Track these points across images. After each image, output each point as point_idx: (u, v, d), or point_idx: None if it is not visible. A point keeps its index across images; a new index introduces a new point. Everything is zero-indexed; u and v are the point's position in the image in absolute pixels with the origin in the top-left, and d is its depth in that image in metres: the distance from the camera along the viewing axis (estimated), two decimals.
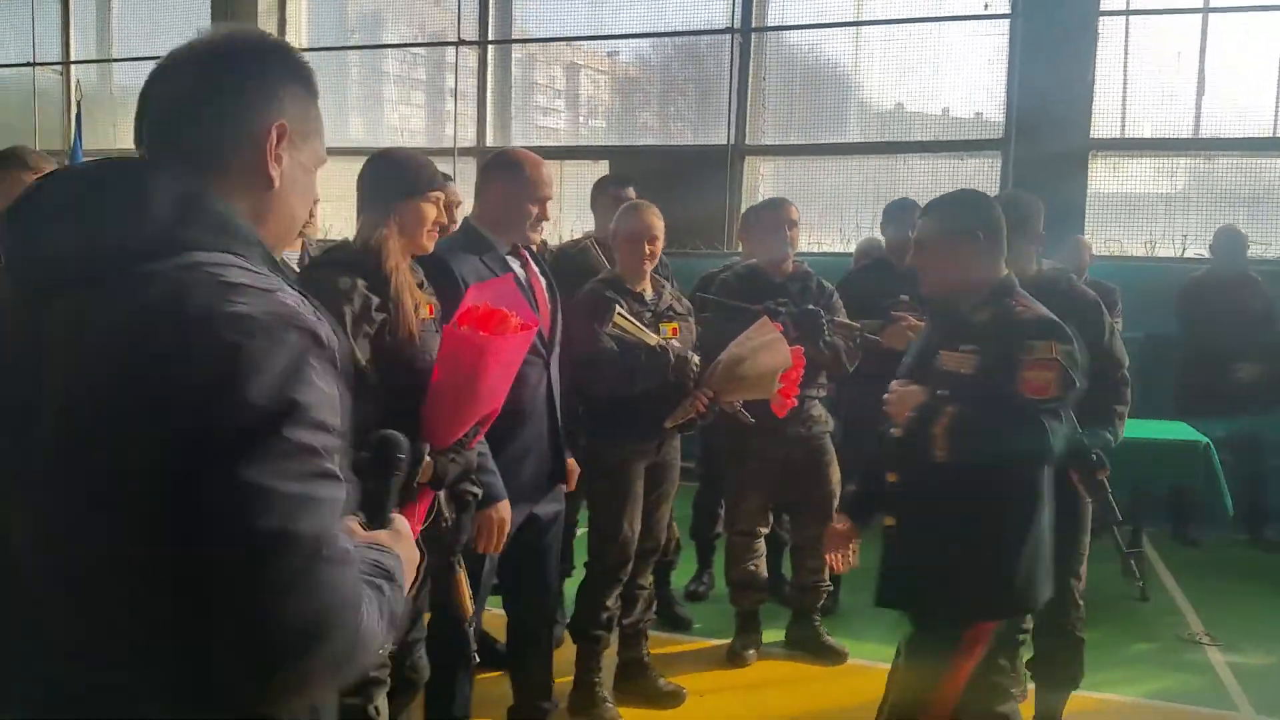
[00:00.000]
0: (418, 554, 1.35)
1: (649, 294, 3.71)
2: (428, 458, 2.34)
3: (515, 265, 3.20)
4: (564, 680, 3.71)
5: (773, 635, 4.49)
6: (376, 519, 1.34)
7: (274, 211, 1.25)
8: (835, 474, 4.30)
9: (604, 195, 4.77)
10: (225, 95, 1.22)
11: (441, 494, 2.52)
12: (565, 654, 3.81)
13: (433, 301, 2.64)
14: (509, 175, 3.17)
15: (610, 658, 3.86)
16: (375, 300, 2.45)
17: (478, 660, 2.94)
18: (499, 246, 3.16)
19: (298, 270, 3.33)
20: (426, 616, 2.86)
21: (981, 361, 2.68)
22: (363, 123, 10.10)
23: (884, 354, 4.15)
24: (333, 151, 3.54)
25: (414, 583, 1.38)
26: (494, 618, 3.69)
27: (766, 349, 3.72)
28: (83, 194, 1.14)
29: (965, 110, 8.06)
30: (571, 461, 3.47)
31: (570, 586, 3.89)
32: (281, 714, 1.12)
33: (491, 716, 3.48)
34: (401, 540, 1.32)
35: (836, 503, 4.24)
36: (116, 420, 1.01)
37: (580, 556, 3.93)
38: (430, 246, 2.69)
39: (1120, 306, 6.46)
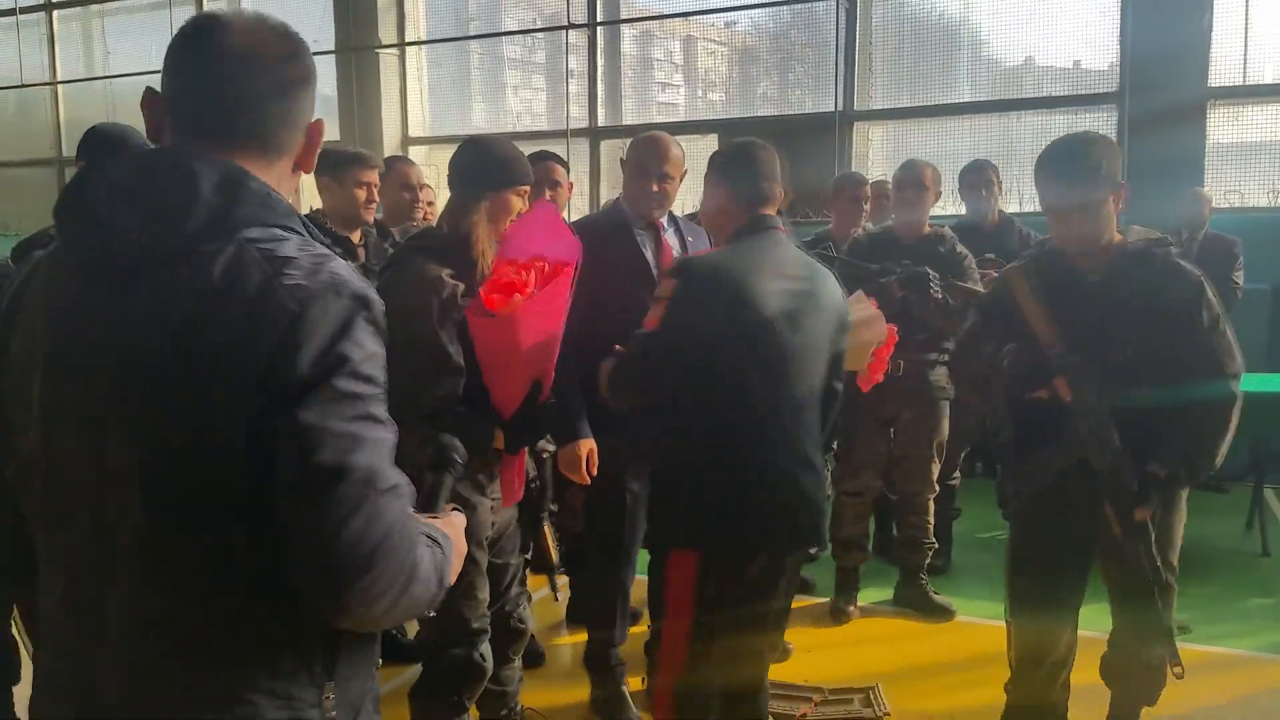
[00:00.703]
0: (465, 546, 1.51)
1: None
2: (497, 431, 2.52)
3: (645, 235, 3.46)
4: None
5: (884, 594, 4.65)
6: (430, 510, 1.54)
7: (292, 194, 1.45)
8: (943, 436, 4.42)
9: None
10: (289, 90, 1.36)
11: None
12: None
13: None
14: (629, 157, 3.49)
15: None
16: (462, 287, 2.55)
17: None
18: (633, 221, 3.46)
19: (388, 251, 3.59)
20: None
21: None
22: (485, 109, 10.40)
23: None
24: (458, 140, 3.78)
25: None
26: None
27: (863, 323, 3.85)
28: (135, 185, 1.27)
29: (1078, 64, 7.91)
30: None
31: None
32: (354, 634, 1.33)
33: None
34: (452, 527, 1.49)
35: (938, 466, 4.37)
36: (200, 383, 1.20)
37: None
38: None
39: (1242, 259, 6.35)
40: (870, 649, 4.21)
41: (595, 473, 3.17)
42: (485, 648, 2.75)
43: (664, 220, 3.53)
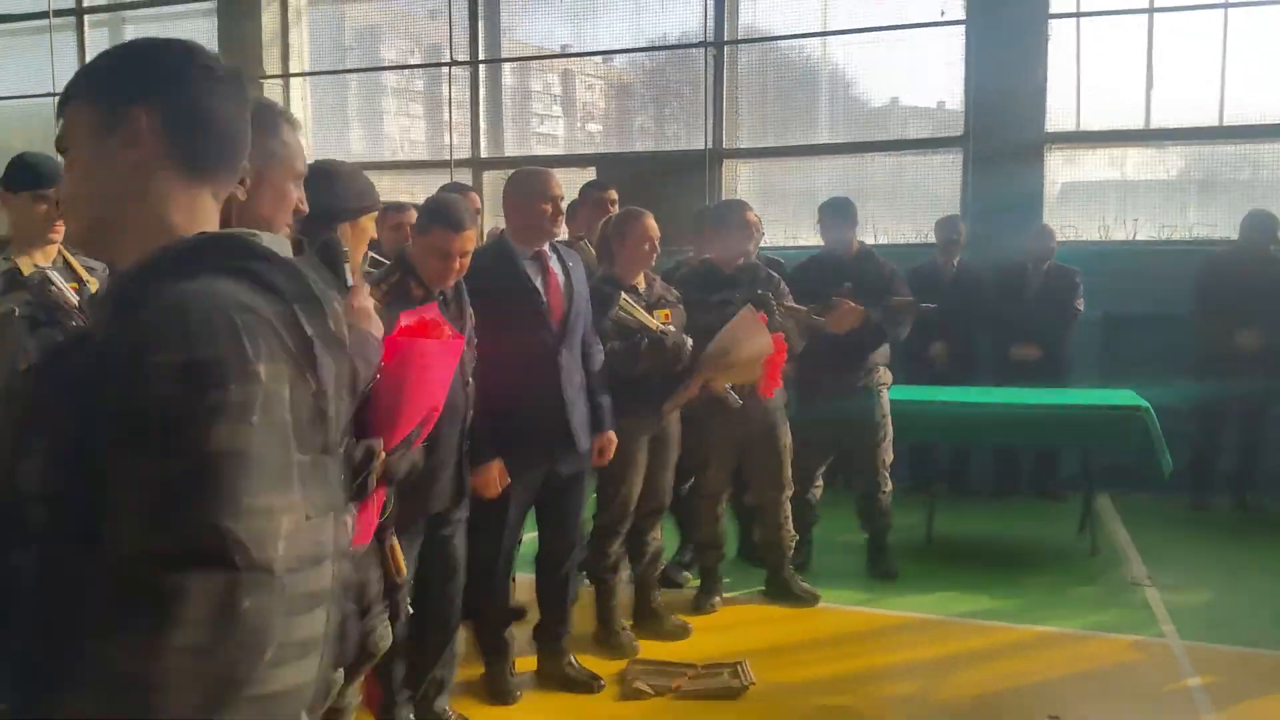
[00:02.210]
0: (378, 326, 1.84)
1: (642, 286, 4.23)
2: (380, 454, 2.34)
3: (532, 266, 3.74)
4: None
5: (753, 589, 5.02)
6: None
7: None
8: (786, 442, 4.80)
9: (588, 198, 5.28)
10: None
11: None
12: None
13: None
14: (520, 190, 3.75)
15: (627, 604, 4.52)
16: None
17: (411, 612, 3.00)
18: (519, 253, 3.73)
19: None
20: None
21: None
22: (364, 137, 10.55)
23: (828, 334, 4.75)
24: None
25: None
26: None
27: (751, 338, 4.26)
28: None
29: (927, 110, 8.54)
30: (610, 434, 3.99)
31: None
32: None
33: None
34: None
35: (788, 469, 4.76)
36: None
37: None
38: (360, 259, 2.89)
39: (1081, 288, 6.96)
40: (739, 631, 4.57)
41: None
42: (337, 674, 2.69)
43: (546, 248, 3.82)
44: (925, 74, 8.34)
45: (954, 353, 6.99)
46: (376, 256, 3.57)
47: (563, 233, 4.32)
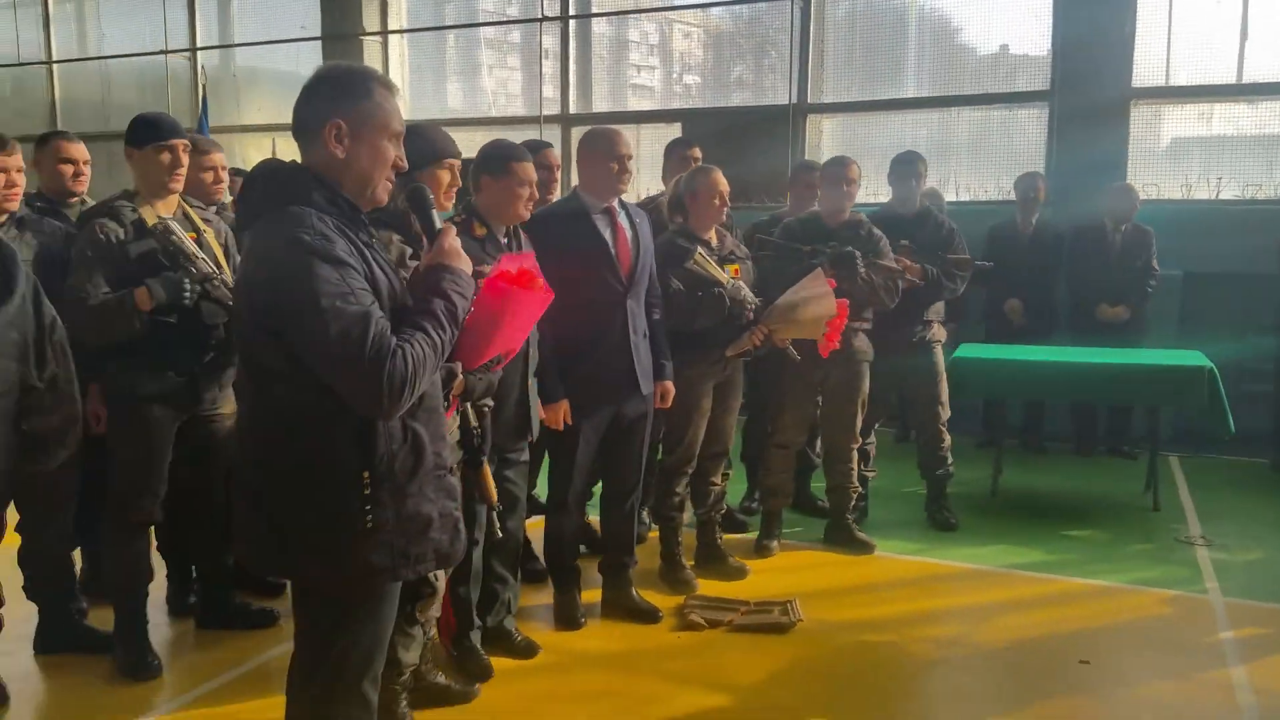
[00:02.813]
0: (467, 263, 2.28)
1: (714, 241, 4.50)
2: (460, 375, 2.79)
3: (602, 219, 4.05)
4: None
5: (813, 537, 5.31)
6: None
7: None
8: (865, 393, 5.04)
9: (673, 156, 5.53)
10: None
11: (469, 409, 3.03)
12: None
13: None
14: (593, 148, 4.07)
15: (691, 545, 4.85)
16: (409, 250, 3.03)
17: (500, 535, 3.31)
18: (590, 206, 4.05)
19: None
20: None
21: None
22: (460, 91, 10.89)
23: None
24: (450, 123, 4.36)
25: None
26: None
27: (817, 299, 4.53)
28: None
29: (1014, 63, 8.51)
30: (668, 383, 4.30)
31: None
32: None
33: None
34: (445, 254, 2.28)
35: (860, 419, 5.00)
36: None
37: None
38: (449, 206, 3.31)
39: (1155, 248, 6.98)
40: (795, 574, 4.86)
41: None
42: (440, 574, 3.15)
43: (615, 204, 4.11)
44: (1013, 26, 8.33)
45: (1031, 310, 7.08)
46: None
47: (633, 188, 4.58)
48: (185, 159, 3.65)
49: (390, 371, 2.00)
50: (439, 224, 2.38)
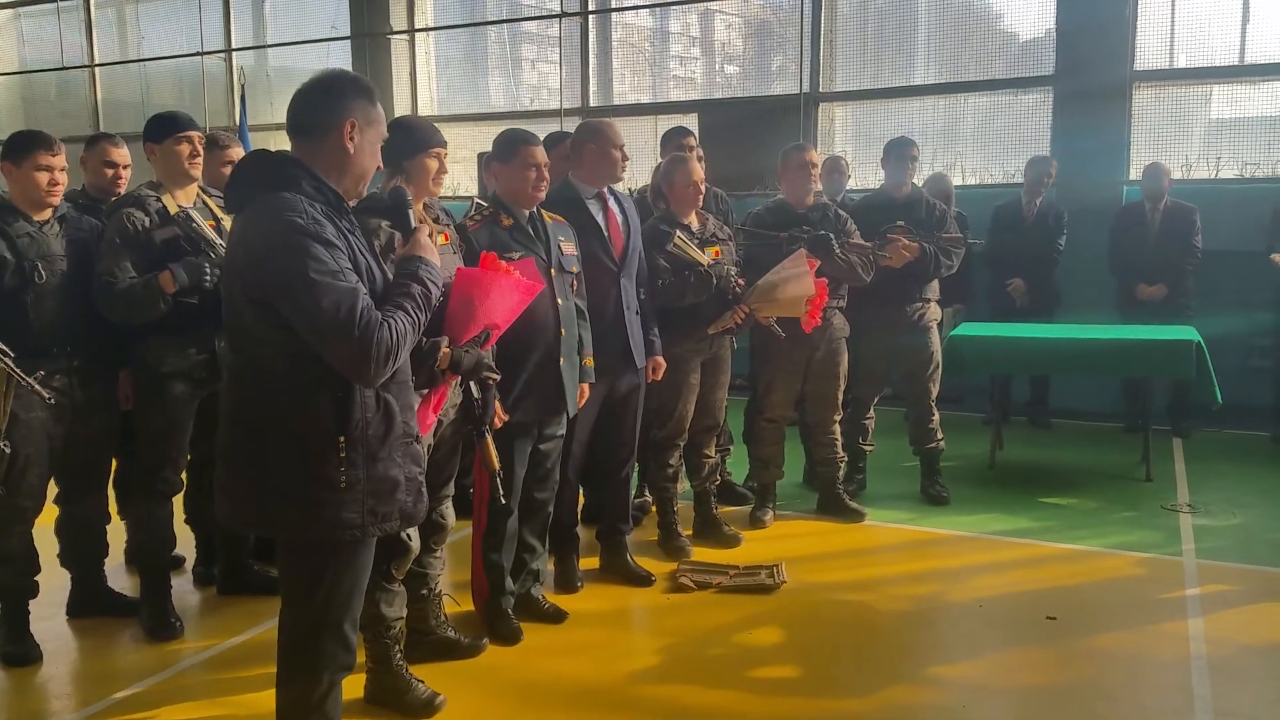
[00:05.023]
0: (436, 256, 2.57)
1: (695, 225, 4.76)
2: (445, 349, 3.00)
3: (594, 204, 4.35)
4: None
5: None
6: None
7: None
8: (845, 368, 5.28)
9: (670, 145, 5.78)
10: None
11: (472, 384, 3.24)
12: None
13: (446, 231, 3.53)
14: (590, 139, 4.35)
15: (687, 516, 5.11)
16: (398, 235, 3.09)
17: (505, 500, 3.64)
18: (583, 191, 4.35)
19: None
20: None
21: None
22: (489, 86, 11.15)
23: (884, 269, 5.18)
24: (465, 118, 4.77)
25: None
26: None
27: (796, 278, 4.76)
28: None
29: (1019, 50, 8.65)
30: (659, 358, 4.57)
31: None
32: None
33: None
34: (419, 247, 2.58)
35: (841, 393, 5.24)
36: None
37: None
38: (438, 191, 3.48)
39: (1199, 224, 7.10)
40: (785, 541, 5.12)
41: None
42: (413, 530, 3.35)
43: (605, 190, 4.38)
44: (1018, 11, 8.49)
45: (1033, 290, 7.26)
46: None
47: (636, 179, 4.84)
48: (201, 149, 3.99)
49: (378, 341, 2.30)
50: (414, 223, 2.74)
